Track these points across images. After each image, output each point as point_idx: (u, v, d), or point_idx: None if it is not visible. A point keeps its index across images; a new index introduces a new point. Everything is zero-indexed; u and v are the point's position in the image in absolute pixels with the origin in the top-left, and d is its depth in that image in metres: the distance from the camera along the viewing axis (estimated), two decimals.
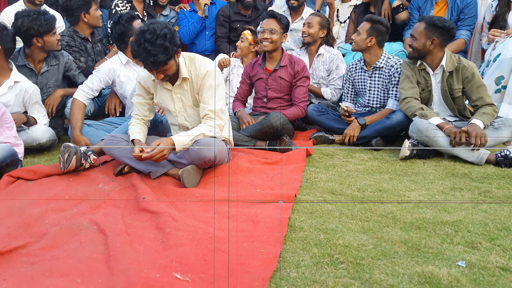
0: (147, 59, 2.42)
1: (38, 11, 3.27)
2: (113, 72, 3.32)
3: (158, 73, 2.52)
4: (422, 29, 3.07)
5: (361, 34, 3.43)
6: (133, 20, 3.26)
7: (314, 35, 3.83)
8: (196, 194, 2.35)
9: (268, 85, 3.53)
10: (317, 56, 3.90)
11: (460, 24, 3.88)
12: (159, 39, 2.40)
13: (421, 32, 3.07)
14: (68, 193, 2.37)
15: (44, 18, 3.19)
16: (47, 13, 3.27)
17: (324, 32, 3.85)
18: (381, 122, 3.31)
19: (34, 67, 3.37)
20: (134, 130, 2.73)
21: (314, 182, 2.60)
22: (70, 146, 2.63)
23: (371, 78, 3.53)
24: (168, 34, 2.44)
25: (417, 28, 3.12)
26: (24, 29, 3.16)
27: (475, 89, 3.04)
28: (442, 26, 3.02)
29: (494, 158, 2.85)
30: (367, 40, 3.41)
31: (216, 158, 2.59)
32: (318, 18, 3.84)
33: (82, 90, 3.24)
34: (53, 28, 3.24)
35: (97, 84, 3.26)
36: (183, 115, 2.77)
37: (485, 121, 2.92)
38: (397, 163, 2.94)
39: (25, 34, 3.20)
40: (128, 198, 2.34)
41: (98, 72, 3.29)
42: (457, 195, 2.38)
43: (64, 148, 2.63)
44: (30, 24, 3.15)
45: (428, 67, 3.15)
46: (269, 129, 3.19)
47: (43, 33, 3.20)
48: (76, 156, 2.63)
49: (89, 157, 2.72)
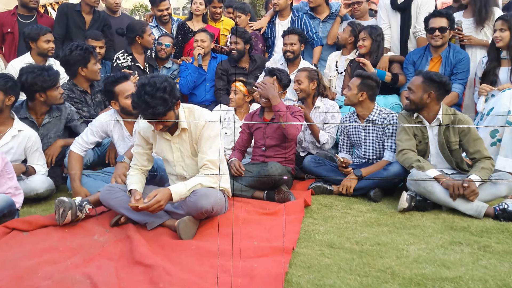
0: (146, 110, 2.48)
1: (43, 67, 3.35)
2: (107, 127, 3.36)
3: (157, 124, 2.56)
4: (419, 83, 3.15)
5: (352, 89, 3.52)
6: (121, 81, 3.26)
7: (306, 90, 3.93)
8: (192, 247, 2.32)
9: (266, 133, 3.58)
10: (314, 108, 3.98)
11: (453, 78, 3.99)
12: (158, 92, 2.47)
13: (418, 86, 3.15)
14: (63, 245, 2.34)
15: (48, 74, 3.27)
16: (51, 69, 3.35)
17: (314, 83, 3.93)
18: (379, 173, 3.32)
19: (36, 119, 3.43)
20: (132, 180, 2.74)
21: (312, 234, 2.58)
22: (65, 201, 2.61)
23: (365, 131, 3.59)
24: (167, 87, 2.51)
25: (415, 81, 3.20)
26: (28, 84, 3.23)
27: (472, 142, 3.08)
28: (439, 81, 3.11)
29: (492, 212, 2.84)
30: (358, 95, 3.49)
31: (213, 209, 2.58)
32: (305, 72, 3.95)
33: (77, 143, 3.28)
34: (56, 83, 3.32)
35: (91, 137, 3.30)
36: (181, 164, 2.79)
37: (483, 176, 2.94)
38: (395, 215, 2.92)
39: (29, 89, 3.28)
40: (123, 250, 2.31)
41: (92, 125, 3.33)
42: (456, 250, 2.35)
43: (59, 202, 2.61)
44: (34, 80, 3.22)
45: (424, 119, 3.21)
46: (267, 179, 3.20)
47: (46, 89, 3.27)
48: (71, 210, 2.61)
49: (84, 207, 2.70)
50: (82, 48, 3.69)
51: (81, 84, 3.82)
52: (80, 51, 3.67)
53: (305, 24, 4.93)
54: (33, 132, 3.24)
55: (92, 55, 3.75)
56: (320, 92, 3.99)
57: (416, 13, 4.44)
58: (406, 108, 3.27)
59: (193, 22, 5.27)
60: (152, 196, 2.46)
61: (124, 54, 4.55)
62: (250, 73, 4.74)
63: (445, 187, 2.93)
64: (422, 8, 4.40)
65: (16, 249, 2.28)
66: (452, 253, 2.31)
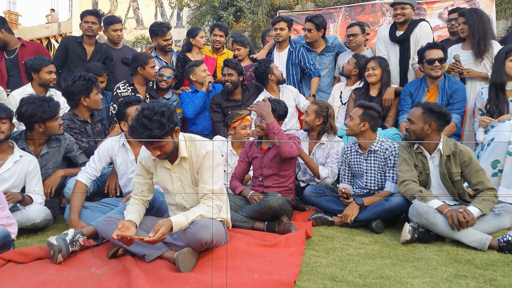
0: (142, 133, 2.47)
1: (43, 98, 3.36)
2: (112, 151, 3.38)
3: (155, 149, 2.56)
4: (419, 114, 3.16)
5: (354, 119, 3.52)
6: (134, 103, 3.34)
7: (310, 123, 3.89)
8: (191, 280, 2.26)
9: (263, 163, 3.57)
10: (319, 144, 3.96)
11: (450, 108, 4.02)
12: (156, 115, 2.48)
13: (418, 117, 3.16)
14: (59, 278, 2.28)
15: (48, 105, 3.28)
16: (51, 100, 3.37)
17: (320, 120, 3.87)
18: (381, 205, 3.29)
19: (34, 150, 3.42)
20: (130, 210, 2.70)
21: (314, 267, 2.52)
22: (54, 245, 2.53)
23: (366, 161, 3.57)
24: (166, 112, 2.52)
25: (414, 113, 3.20)
26: (28, 115, 3.25)
27: (474, 173, 3.06)
28: (439, 112, 3.12)
29: (497, 244, 2.79)
30: (360, 125, 3.50)
31: (213, 241, 2.53)
32: (315, 106, 3.91)
33: (86, 172, 3.27)
34: (56, 114, 3.34)
35: (99, 164, 3.32)
36: (182, 194, 2.76)
37: (484, 208, 2.91)
38: (398, 247, 2.87)
39: (28, 120, 3.29)
40: (121, 283, 2.25)
41: (98, 151, 3.35)
42: (462, 283, 2.29)
43: (49, 245, 2.55)
44: (34, 111, 3.24)
45: (425, 150, 3.20)
46: (268, 210, 3.17)
47: (45, 120, 3.29)
48: (61, 253, 2.52)
49: (78, 240, 2.63)
50: (85, 78, 3.75)
51: (82, 114, 3.84)
52: (83, 81, 3.72)
53: (302, 55, 5.04)
54: (33, 158, 3.28)
55: (95, 85, 3.80)
56: (325, 130, 3.93)
57: (414, 45, 4.52)
58: (406, 139, 3.27)
59: (192, 54, 5.36)
60: (157, 230, 2.42)
61: (125, 85, 4.59)
62: (243, 104, 4.77)
63: (447, 218, 2.89)
64: (420, 40, 4.49)
65: (11, 282, 2.22)
66: (458, 286, 2.25)
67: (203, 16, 11.40)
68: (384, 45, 4.72)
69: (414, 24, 4.57)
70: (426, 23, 4.65)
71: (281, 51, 5.18)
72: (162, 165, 2.73)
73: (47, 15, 16.47)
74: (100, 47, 5.06)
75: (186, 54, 5.33)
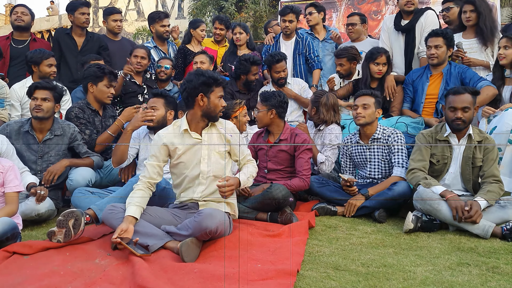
0: None
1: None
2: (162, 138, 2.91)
3: None
4: (471, 99, 3.09)
5: (369, 107, 3.49)
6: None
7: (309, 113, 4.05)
8: (195, 270, 2.28)
9: (268, 156, 3.57)
10: (319, 131, 4.01)
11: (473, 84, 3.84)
12: None
13: (471, 102, 3.09)
14: (64, 269, 2.29)
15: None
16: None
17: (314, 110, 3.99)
18: (384, 194, 3.29)
19: (38, 136, 3.43)
20: (133, 201, 2.66)
21: (317, 256, 2.53)
22: (74, 211, 2.62)
23: (370, 150, 3.57)
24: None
25: (466, 99, 3.08)
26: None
27: (489, 161, 3.06)
28: (475, 92, 3.13)
29: (500, 232, 2.79)
30: (375, 113, 3.50)
31: (217, 230, 2.54)
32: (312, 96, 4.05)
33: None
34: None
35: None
36: (206, 162, 2.80)
37: (489, 200, 2.90)
38: (401, 236, 2.88)
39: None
40: (125, 273, 2.26)
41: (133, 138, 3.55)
42: (464, 271, 2.30)
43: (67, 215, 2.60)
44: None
45: (456, 137, 3.17)
46: (271, 201, 3.17)
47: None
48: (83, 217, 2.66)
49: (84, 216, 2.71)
50: (100, 67, 3.82)
51: (92, 103, 3.85)
52: (95, 68, 3.79)
53: (309, 45, 5.06)
54: (3, 137, 3.21)
55: (107, 76, 3.79)
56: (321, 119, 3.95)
57: (420, 34, 4.46)
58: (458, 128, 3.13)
59: (192, 45, 5.34)
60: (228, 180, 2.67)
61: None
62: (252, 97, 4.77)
63: (450, 205, 2.89)
64: (426, 29, 4.41)
65: (16, 274, 2.24)
66: (460, 274, 2.26)
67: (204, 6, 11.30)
68: (388, 36, 4.67)
69: (419, 13, 4.51)
70: (432, 11, 4.58)
71: (288, 40, 5.17)
72: (191, 136, 2.81)
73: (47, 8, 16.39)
74: (91, 36, 4.98)
75: (186, 46, 5.32)
